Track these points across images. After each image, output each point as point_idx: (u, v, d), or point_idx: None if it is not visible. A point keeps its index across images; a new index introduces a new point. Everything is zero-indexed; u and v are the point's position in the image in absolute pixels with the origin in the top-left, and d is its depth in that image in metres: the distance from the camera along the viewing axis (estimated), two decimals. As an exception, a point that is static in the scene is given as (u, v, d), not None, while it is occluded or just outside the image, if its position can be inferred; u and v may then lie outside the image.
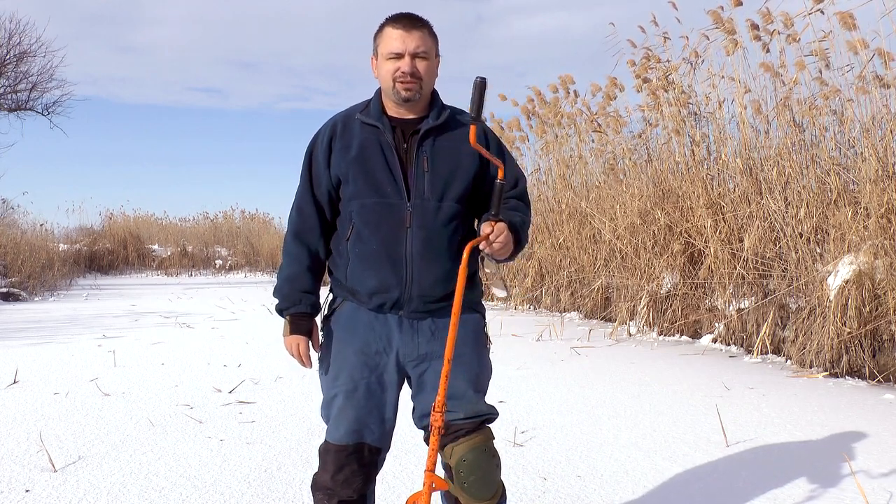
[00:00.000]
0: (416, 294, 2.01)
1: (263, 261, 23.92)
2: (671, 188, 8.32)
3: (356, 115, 2.08)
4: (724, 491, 3.09)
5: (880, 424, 4.20)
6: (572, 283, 10.11)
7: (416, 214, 1.99)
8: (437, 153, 2.03)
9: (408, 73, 1.97)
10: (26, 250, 14.61)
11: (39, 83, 17.01)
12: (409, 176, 2.01)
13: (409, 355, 2.05)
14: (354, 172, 2.03)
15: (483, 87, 1.82)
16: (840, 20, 6.19)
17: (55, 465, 3.36)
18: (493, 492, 2.02)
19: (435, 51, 2.04)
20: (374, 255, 2.02)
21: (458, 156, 2.04)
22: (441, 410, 1.89)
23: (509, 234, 1.91)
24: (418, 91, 1.99)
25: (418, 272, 2.00)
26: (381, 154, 2.02)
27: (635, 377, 5.63)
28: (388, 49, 1.99)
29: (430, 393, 2.04)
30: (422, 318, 2.05)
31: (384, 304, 2.04)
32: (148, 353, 6.78)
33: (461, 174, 2.03)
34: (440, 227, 2.01)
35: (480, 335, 2.11)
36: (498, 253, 1.91)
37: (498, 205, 1.89)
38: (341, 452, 2.07)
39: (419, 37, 1.98)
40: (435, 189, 2.01)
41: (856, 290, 5.56)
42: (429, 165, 2.01)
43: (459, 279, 1.89)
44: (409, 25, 1.99)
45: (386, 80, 2.01)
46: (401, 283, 2.01)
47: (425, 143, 2.03)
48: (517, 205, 2.10)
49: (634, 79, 9.06)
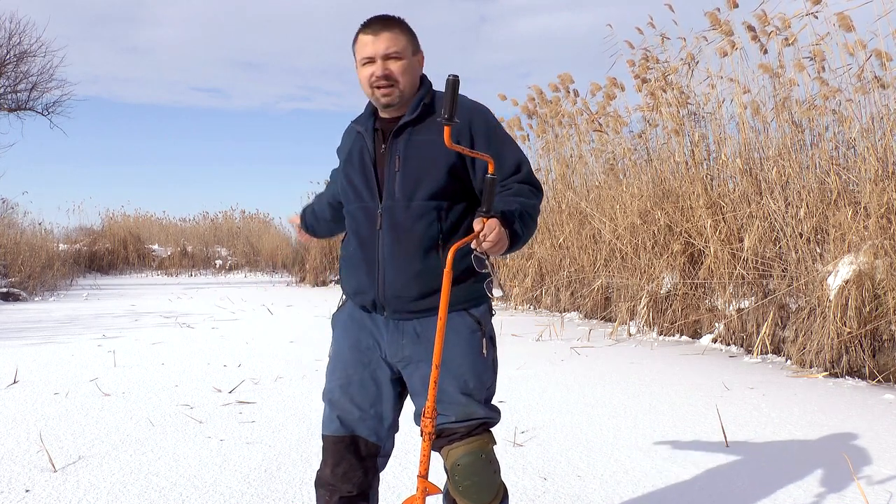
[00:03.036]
0: (391, 295, 2.01)
1: (263, 261, 23.91)
2: (671, 188, 8.32)
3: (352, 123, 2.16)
4: (724, 491, 3.09)
5: (880, 424, 4.21)
6: (572, 283, 10.11)
7: (385, 216, 2.00)
8: (410, 150, 2.00)
9: (381, 77, 1.97)
10: (26, 250, 14.61)
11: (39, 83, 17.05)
12: (382, 177, 2.03)
13: (394, 356, 2.06)
14: (343, 182, 2.12)
15: (456, 86, 1.77)
16: (838, 21, 6.19)
17: (55, 465, 3.36)
18: (490, 496, 2.01)
19: (410, 48, 2.02)
20: (352, 258, 2.09)
21: (431, 150, 1.98)
22: (431, 416, 1.89)
23: (501, 229, 1.82)
24: (397, 94, 1.99)
25: (390, 273, 2.00)
26: (360, 159, 2.07)
27: (635, 377, 5.63)
28: (361, 55, 2.00)
29: (418, 396, 2.05)
30: (406, 319, 2.04)
31: (365, 305, 2.09)
32: (148, 353, 6.78)
33: (434, 170, 1.97)
34: (409, 226, 1.98)
35: (473, 337, 2.03)
36: (491, 250, 1.83)
37: (489, 200, 1.81)
38: (338, 444, 2.09)
39: (388, 38, 1.97)
40: (405, 188, 1.98)
41: (856, 290, 5.56)
42: (400, 164, 2.00)
43: (445, 281, 1.85)
44: (377, 28, 1.98)
45: (365, 86, 2.02)
46: (374, 284, 2.02)
47: (398, 141, 2.01)
48: (520, 189, 2.01)
49: (633, 79, 9.07)
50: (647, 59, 8.82)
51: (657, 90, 8.65)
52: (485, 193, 1.81)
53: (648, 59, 8.80)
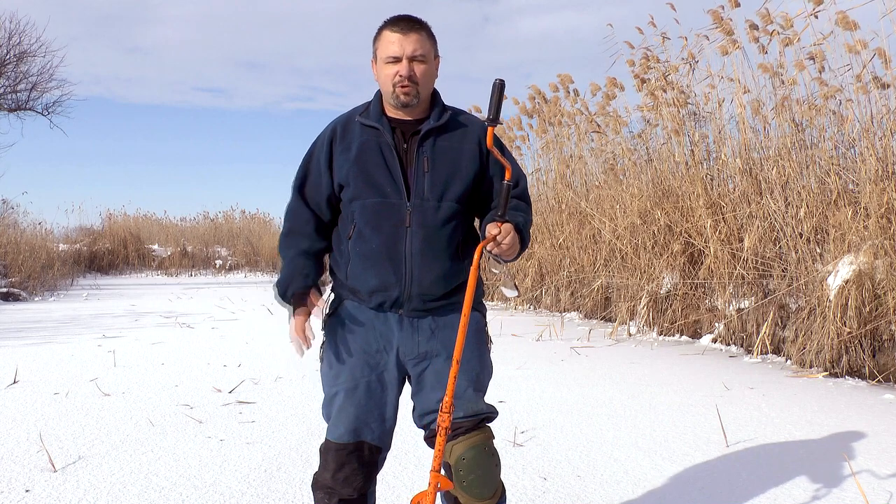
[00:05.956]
0: (416, 293, 2.02)
1: (263, 261, 23.93)
2: (671, 188, 8.33)
3: (356, 118, 2.10)
4: (724, 491, 3.09)
5: (880, 424, 4.20)
6: (572, 283, 10.11)
7: (415, 214, 2.01)
8: (437, 154, 2.04)
9: (406, 77, 1.98)
10: (26, 250, 14.61)
11: (39, 83, 17.03)
12: (409, 176, 2.03)
13: (409, 354, 2.06)
14: (354, 174, 2.04)
15: (502, 89, 1.85)
16: (839, 20, 6.19)
17: (55, 465, 3.36)
18: (492, 491, 2.03)
19: (433, 52, 2.05)
20: (374, 254, 2.03)
21: (458, 156, 2.06)
22: (448, 411, 1.89)
23: (515, 234, 1.94)
24: (416, 95, 2.01)
25: (418, 271, 2.01)
26: (380, 155, 2.04)
27: (635, 377, 5.63)
28: (386, 53, 2.00)
29: (430, 392, 2.06)
30: (422, 317, 2.06)
31: (384, 303, 2.05)
32: (148, 353, 6.78)
33: (461, 175, 2.05)
34: (439, 226, 2.02)
35: (481, 334, 2.13)
36: (505, 254, 1.93)
37: (505, 205, 1.90)
38: (341, 451, 2.08)
39: (416, 39, 1.99)
40: (435, 189, 2.02)
41: (856, 290, 5.56)
42: (429, 166, 2.02)
43: (471, 279, 1.91)
44: (406, 28, 1.99)
45: (385, 84, 2.02)
46: (400, 281, 2.02)
47: (426, 143, 2.04)
48: (518, 204, 2.11)
49: (633, 79, 9.07)
50: (647, 59, 8.82)
51: (657, 90, 8.65)
52: (501, 199, 1.89)
53: (649, 58, 8.80)
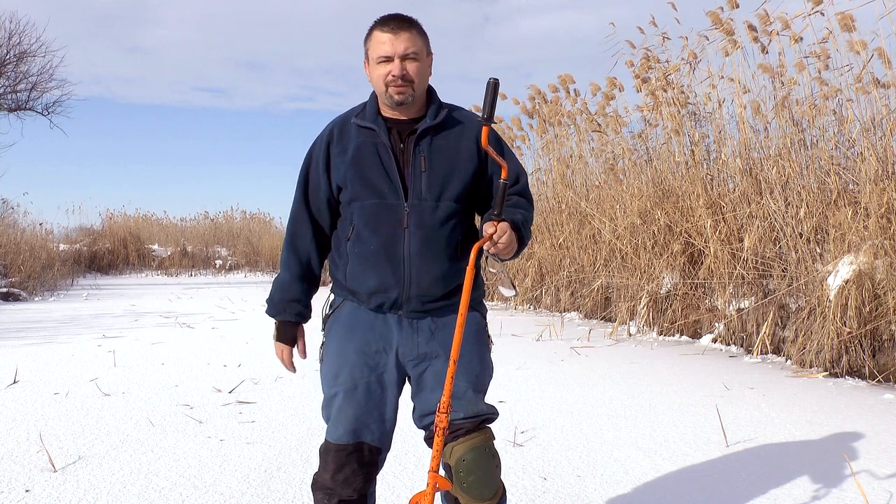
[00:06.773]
0: (415, 294, 2.01)
1: (263, 261, 23.93)
2: (671, 188, 8.33)
3: (352, 119, 2.09)
4: (724, 491, 3.09)
5: (880, 424, 4.21)
6: (572, 283, 10.11)
7: (413, 214, 2.00)
8: (434, 153, 2.03)
9: (398, 77, 1.97)
10: (26, 250, 14.62)
11: (39, 83, 17.03)
12: (407, 176, 2.02)
13: (408, 355, 2.06)
14: (352, 176, 2.04)
15: (496, 88, 1.83)
16: (839, 21, 6.19)
17: (55, 465, 3.36)
18: (493, 492, 2.02)
19: (426, 49, 2.04)
20: (373, 256, 2.03)
21: (455, 155, 2.04)
22: (446, 412, 1.89)
23: (512, 233, 1.91)
24: (411, 94, 2.00)
25: (416, 272, 2.00)
26: (376, 156, 2.03)
27: (635, 377, 5.63)
28: (378, 53, 1.99)
29: (430, 393, 2.05)
30: (421, 318, 2.05)
31: (383, 304, 2.05)
32: (148, 353, 6.78)
33: (459, 173, 2.03)
34: (438, 226, 2.01)
35: (481, 334, 2.11)
36: (502, 252, 1.90)
37: (501, 204, 1.88)
38: (341, 452, 2.07)
39: (407, 38, 1.98)
40: (432, 189, 2.01)
41: (856, 290, 5.56)
42: (426, 165, 2.01)
43: (467, 279, 1.90)
44: (396, 27, 1.98)
45: (378, 84, 2.01)
46: (399, 282, 2.01)
47: (422, 142, 2.03)
48: (518, 201, 2.08)
49: (634, 79, 9.07)
50: (647, 59, 8.82)
51: (658, 90, 8.65)
52: (497, 197, 1.88)
53: (649, 58, 8.80)
